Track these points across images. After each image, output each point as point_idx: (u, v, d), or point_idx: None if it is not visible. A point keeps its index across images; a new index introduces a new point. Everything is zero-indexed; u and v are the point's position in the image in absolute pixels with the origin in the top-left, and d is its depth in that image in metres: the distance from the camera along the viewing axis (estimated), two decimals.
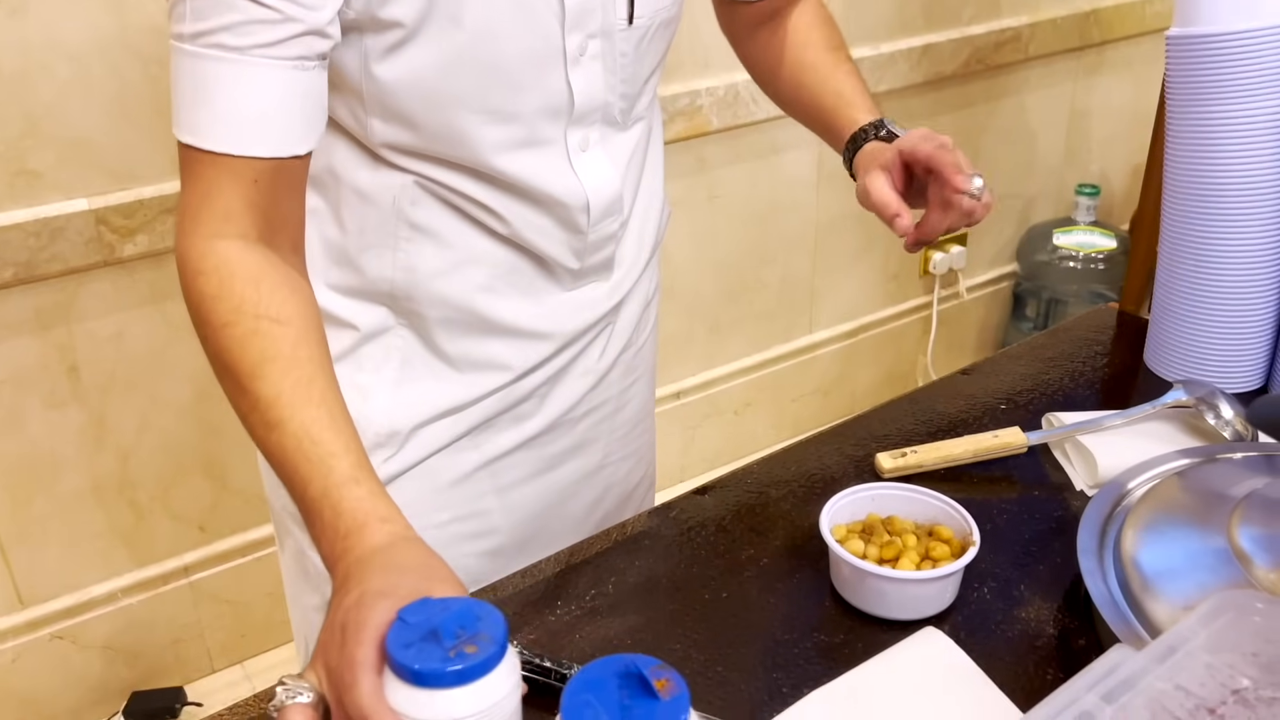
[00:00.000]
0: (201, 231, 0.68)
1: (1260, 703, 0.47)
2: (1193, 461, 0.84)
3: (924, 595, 0.75)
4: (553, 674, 0.69)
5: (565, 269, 0.86)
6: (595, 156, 0.83)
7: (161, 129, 1.49)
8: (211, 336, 0.67)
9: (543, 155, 0.79)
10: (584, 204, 0.82)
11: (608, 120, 0.83)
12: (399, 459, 0.87)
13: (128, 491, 1.68)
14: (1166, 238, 1.01)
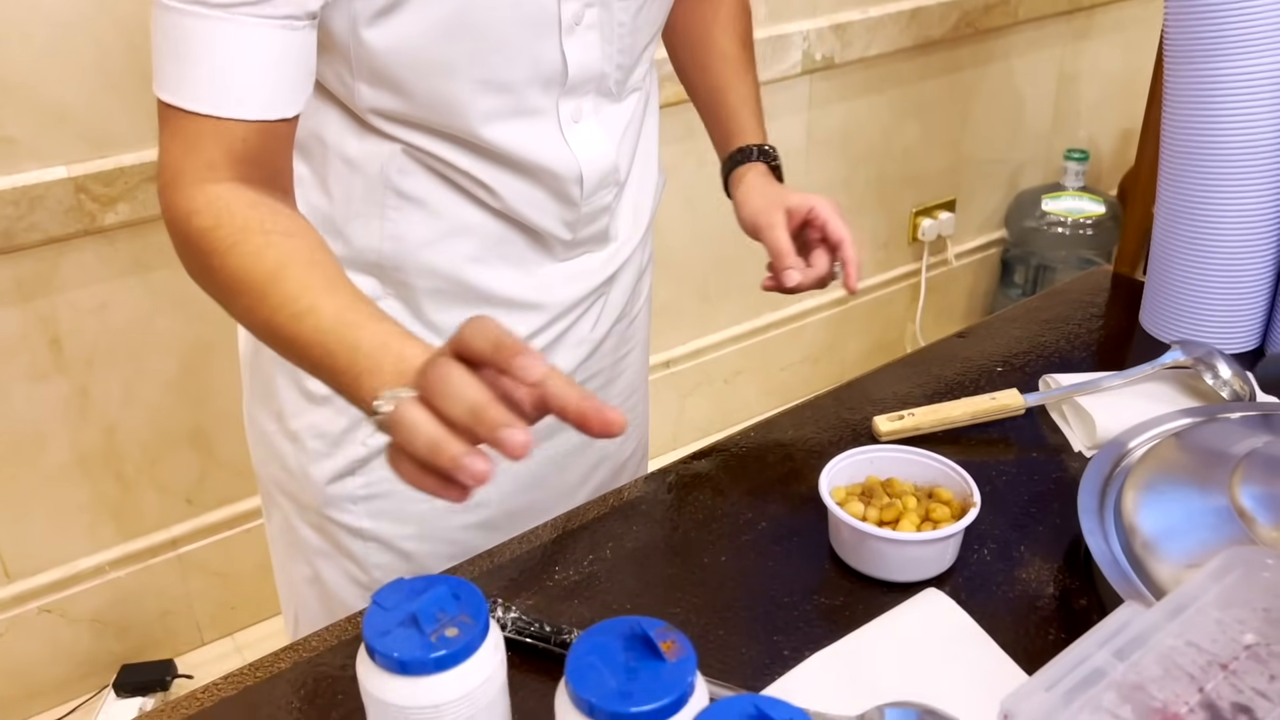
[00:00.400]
0: (187, 180, 0.66)
1: (1272, 657, 0.47)
2: (1192, 421, 0.83)
3: (925, 557, 0.74)
4: (552, 639, 0.68)
5: (558, 240, 0.84)
6: (589, 128, 0.81)
7: (142, 95, 1.46)
8: (218, 265, 0.64)
9: (534, 126, 0.78)
10: (577, 176, 0.81)
11: (602, 91, 0.81)
12: None
13: (114, 464, 1.66)
14: (1163, 198, 1.00)
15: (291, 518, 0.91)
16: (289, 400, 0.86)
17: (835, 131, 2.22)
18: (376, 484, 0.87)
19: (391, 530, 0.89)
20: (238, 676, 0.70)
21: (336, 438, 0.85)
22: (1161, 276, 1.02)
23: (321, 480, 0.86)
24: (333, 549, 0.90)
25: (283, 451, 0.88)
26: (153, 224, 1.53)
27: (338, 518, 0.88)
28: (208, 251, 0.65)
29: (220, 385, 1.69)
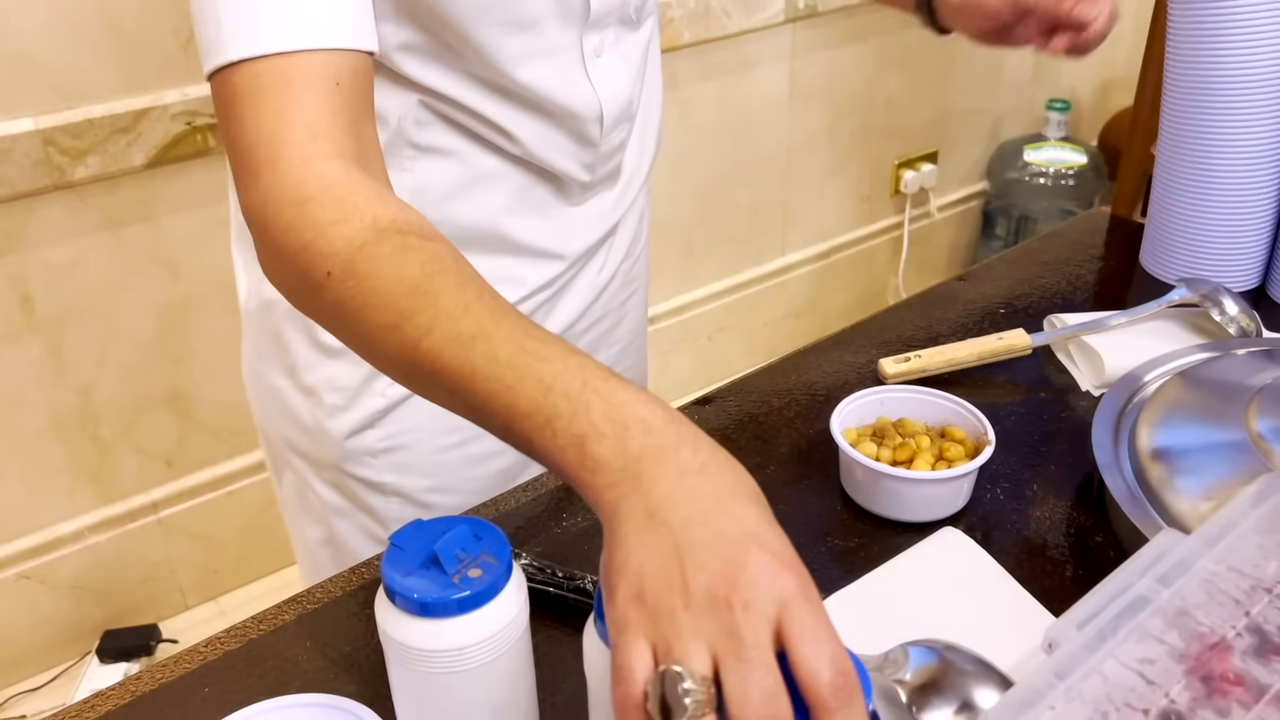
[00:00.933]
0: (289, 160, 0.55)
1: None
2: (1203, 357, 0.83)
3: (940, 496, 0.73)
4: (565, 585, 0.67)
5: (576, 183, 0.82)
6: (609, 61, 0.79)
7: (110, 43, 1.41)
8: (341, 271, 0.52)
9: (558, 65, 0.75)
10: (598, 114, 0.78)
11: (623, 20, 0.78)
12: None
13: (90, 427, 1.62)
14: (1166, 135, 0.98)
15: (306, 476, 0.88)
16: (302, 354, 0.82)
17: (818, 81, 2.19)
18: (396, 435, 0.84)
19: (413, 483, 0.87)
20: (241, 629, 0.68)
21: (355, 390, 0.82)
22: (1163, 215, 1.01)
23: (339, 435, 0.83)
24: (351, 505, 0.87)
25: (296, 408, 0.84)
26: (124, 178, 1.49)
27: (357, 473, 0.85)
28: (328, 253, 0.53)
29: (198, 345, 1.65)
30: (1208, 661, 0.43)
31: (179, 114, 1.48)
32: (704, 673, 0.38)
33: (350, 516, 0.87)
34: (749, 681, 0.38)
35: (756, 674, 0.38)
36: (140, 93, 1.45)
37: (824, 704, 0.38)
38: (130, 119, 1.45)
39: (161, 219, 1.55)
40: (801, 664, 0.39)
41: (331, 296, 0.53)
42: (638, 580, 0.41)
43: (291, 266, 0.55)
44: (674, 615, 0.39)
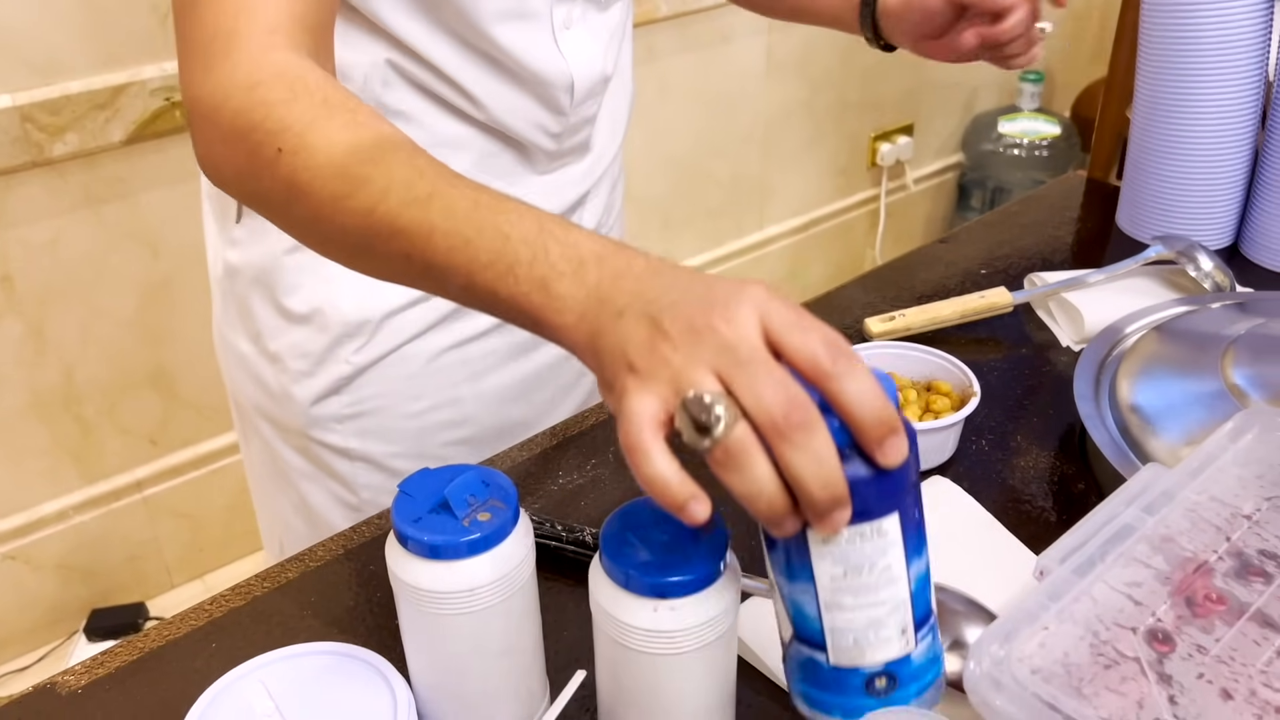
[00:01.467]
0: (245, 45, 0.56)
1: None
2: (1180, 310, 0.85)
3: (928, 447, 0.75)
4: (565, 538, 0.68)
5: (542, 151, 0.83)
6: (578, 35, 0.79)
7: (85, 18, 1.40)
8: (292, 146, 0.53)
9: (530, 28, 0.76)
10: (568, 83, 0.79)
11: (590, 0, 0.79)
12: (370, 348, 0.84)
13: (73, 406, 1.62)
14: (1141, 97, 1.00)
15: (273, 442, 0.89)
16: (267, 320, 0.84)
17: (795, 54, 2.20)
18: (362, 402, 0.86)
19: (379, 449, 0.88)
20: (245, 587, 0.69)
21: (319, 356, 0.84)
22: (1139, 175, 1.03)
23: (305, 401, 0.85)
24: (318, 471, 0.89)
25: (262, 374, 0.86)
26: (104, 154, 1.48)
27: (323, 438, 0.86)
28: (278, 130, 0.53)
29: (180, 322, 1.65)
30: (1191, 583, 0.45)
31: (158, 90, 1.47)
32: (719, 389, 0.39)
33: (318, 481, 0.89)
34: (758, 381, 0.39)
35: (761, 372, 0.39)
36: (118, 68, 1.44)
37: (827, 374, 0.39)
38: (108, 95, 1.44)
39: (141, 195, 1.54)
40: (796, 352, 0.40)
41: (283, 171, 0.53)
42: (625, 358, 0.41)
43: (240, 147, 0.55)
44: (668, 361, 0.40)
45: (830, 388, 0.39)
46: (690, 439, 0.39)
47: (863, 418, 0.39)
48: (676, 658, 0.49)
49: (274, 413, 0.87)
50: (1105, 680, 0.41)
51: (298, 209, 0.54)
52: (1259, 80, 0.95)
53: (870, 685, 0.42)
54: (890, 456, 0.40)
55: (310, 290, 0.82)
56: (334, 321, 0.82)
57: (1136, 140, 1.02)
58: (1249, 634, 0.43)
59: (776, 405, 0.38)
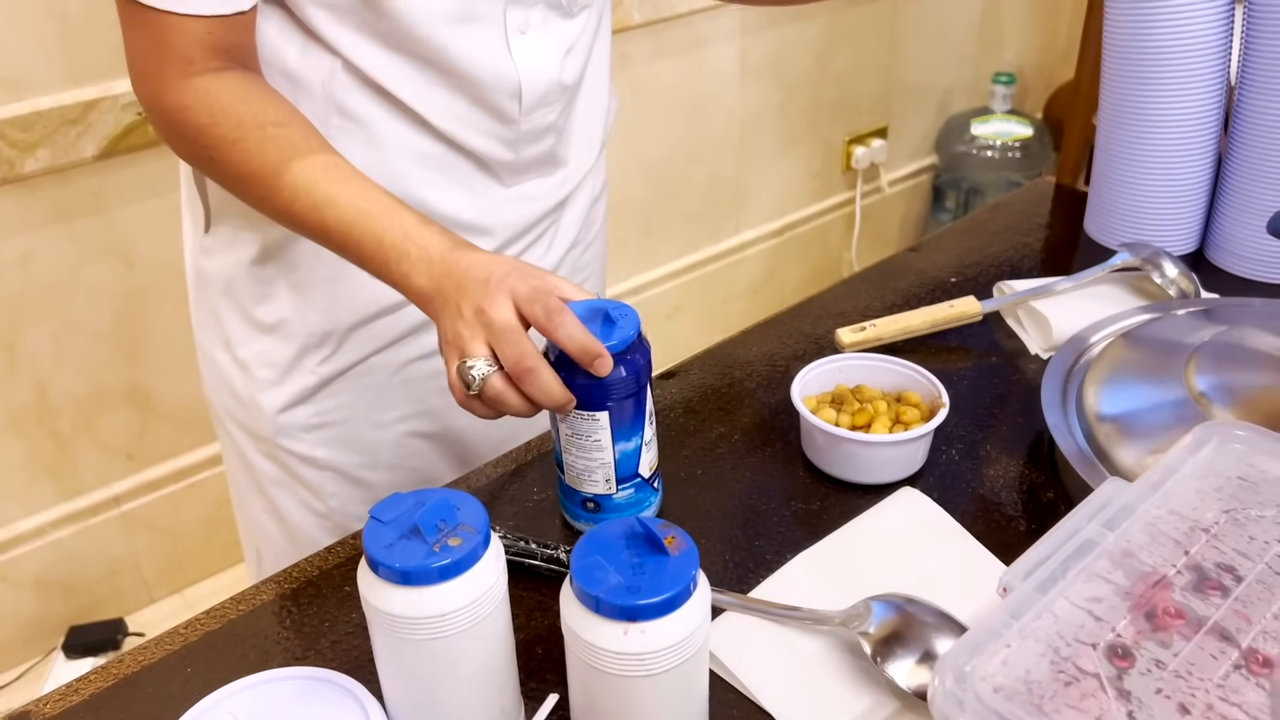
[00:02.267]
0: (170, 74, 0.68)
1: (1249, 521, 0.49)
2: (1145, 318, 0.86)
3: (897, 458, 0.76)
4: (538, 554, 0.69)
5: (500, 163, 0.83)
6: (535, 40, 0.79)
7: (55, 34, 1.39)
8: (221, 159, 0.69)
9: (477, 32, 0.75)
10: (515, 89, 0.79)
11: (552, 5, 0.79)
12: (336, 359, 0.85)
13: (48, 422, 1.61)
14: (1105, 103, 1.02)
15: (245, 448, 0.90)
16: (236, 329, 0.85)
17: (768, 58, 2.21)
18: (328, 412, 0.87)
19: (345, 459, 0.89)
20: (220, 610, 0.69)
21: (286, 366, 0.85)
22: (1105, 182, 1.04)
23: (272, 409, 0.86)
24: (288, 478, 0.89)
25: (233, 381, 0.87)
26: (76, 170, 1.47)
27: (290, 446, 0.87)
28: (208, 146, 0.69)
29: (156, 335, 1.64)
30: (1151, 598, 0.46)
31: (129, 104, 1.46)
32: (483, 354, 0.63)
33: (287, 488, 0.89)
34: (503, 345, 0.62)
35: (507, 339, 0.62)
36: (89, 83, 1.44)
37: (546, 328, 0.62)
38: (79, 110, 1.43)
39: (114, 210, 1.53)
40: (530, 318, 0.63)
41: (218, 171, 0.72)
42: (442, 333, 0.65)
43: (184, 148, 0.73)
44: (461, 336, 0.63)
45: (553, 336, 0.62)
46: (462, 393, 0.63)
47: (573, 351, 0.62)
48: (649, 679, 0.49)
49: (244, 419, 0.88)
50: (1066, 697, 0.42)
51: (238, 193, 0.73)
52: (1221, 86, 0.96)
53: (584, 505, 0.70)
54: (599, 371, 0.63)
55: (278, 300, 0.83)
56: (300, 332, 0.83)
57: (1102, 147, 1.04)
58: (1206, 648, 0.44)
59: (510, 360, 0.62)
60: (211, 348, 0.88)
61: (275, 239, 0.81)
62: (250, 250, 0.82)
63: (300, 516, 0.91)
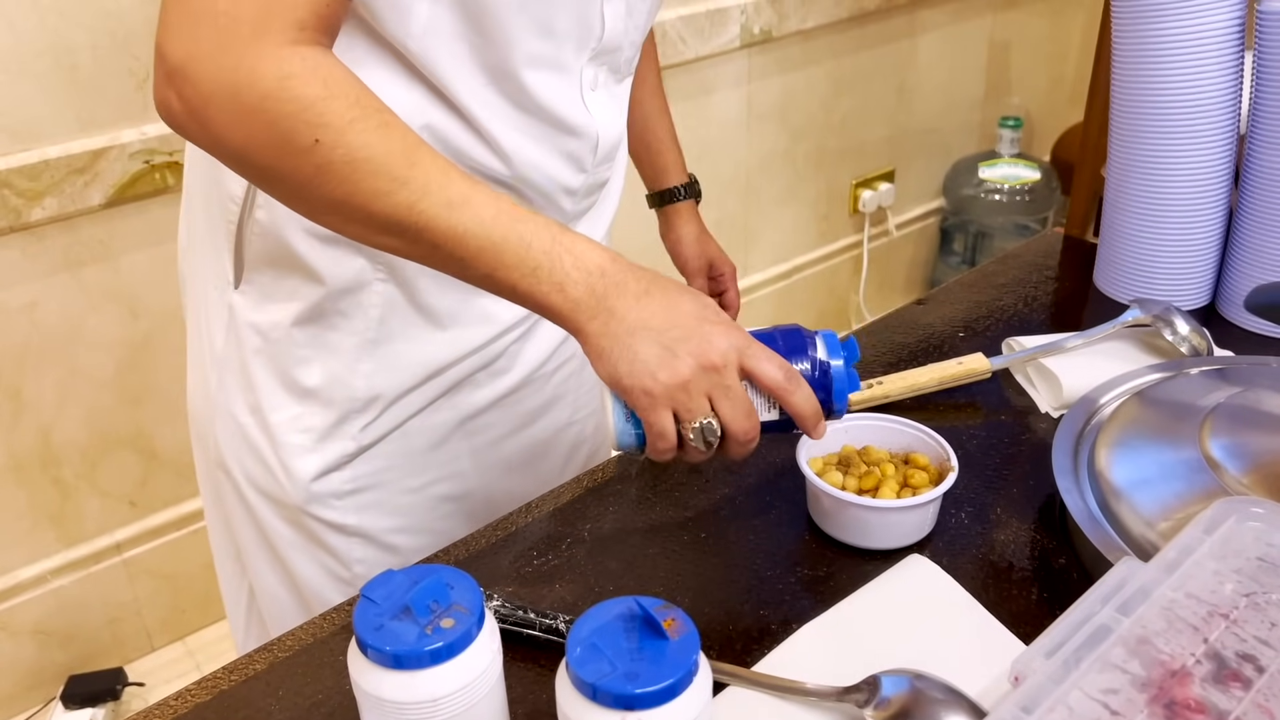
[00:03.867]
0: (275, 37, 0.58)
1: (1271, 605, 0.48)
2: (1157, 377, 0.85)
3: (906, 523, 0.74)
4: (538, 625, 0.67)
5: (558, 210, 0.82)
6: (602, 98, 0.80)
7: (63, 84, 1.40)
8: (331, 141, 0.58)
9: (561, 81, 0.75)
10: (594, 139, 0.79)
11: (614, 67, 0.80)
12: (376, 426, 0.82)
13: (51, 469, 1.60)
14: (1114, 157, 1.01)
15: (262, 513, 0.86)
16: (270, 393, 0.81)
17: (774, 105, 2.22)
18: (364, 477, 0.83)
19: (377, 524, 0.86)
20: (211, 680, 0.67)
21: (323, 432, 0.81)
22: (1114, 236, 1.03)
23: (305, 476, 0.81)
24: (310, 544, 0.86)
25: (258, 445, 0.82)
26: (82, 218, 1.47)
27: (320, 514, 0.84)
28: (316, 124, 0.58)
29: (160, 382, 1.63)
30: (1169, 689, 0.44)
31: (137, 153, 1.46)
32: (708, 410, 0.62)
33: (309, 553, 0.86)
34: (737, 411, 0.62)
35: (739, 404, 0.62)
36: (97, 133, 1.44)
37: (782, 389, 0.63)
38: (87, 159, 1.43)
39: (120, 258, 1.53)
40: (762, 377, 0.62)
41: (318, 160, 0.58)
42: (647, 374, 0.61)
43: (267, 130, 0.58)
44: (685, 388, 0.61)
45: (786, 400, 0.63)
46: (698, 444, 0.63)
47: (802, 419, 0.64)
48: None
49: (268, 486, 0.84)
50: None
51: (325, 191, 0.60)
52: (1231, 138, 0.95)
53: None
54: (816, 435, 0.66)
55: (320, 364, 0.79)
56: (341, 397, 0.80)
57: (1111, 200, 1.03)
58: None
59: (741, 429, 0.63)
60: (237, 411, 0.83)
61: (319, 297, 0.77)
62: (292, 308, 0.78)
63: (320, 582, 0.87)
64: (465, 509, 0.89)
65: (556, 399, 0.93)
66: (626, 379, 0.61)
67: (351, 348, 0.80)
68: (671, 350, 0.61)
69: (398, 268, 0.78)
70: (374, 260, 0.77)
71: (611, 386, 0.63)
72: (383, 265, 0.77)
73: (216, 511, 0.93)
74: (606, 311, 0.61)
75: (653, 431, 0.62)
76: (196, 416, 0.89)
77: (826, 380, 0.66)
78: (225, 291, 0.81)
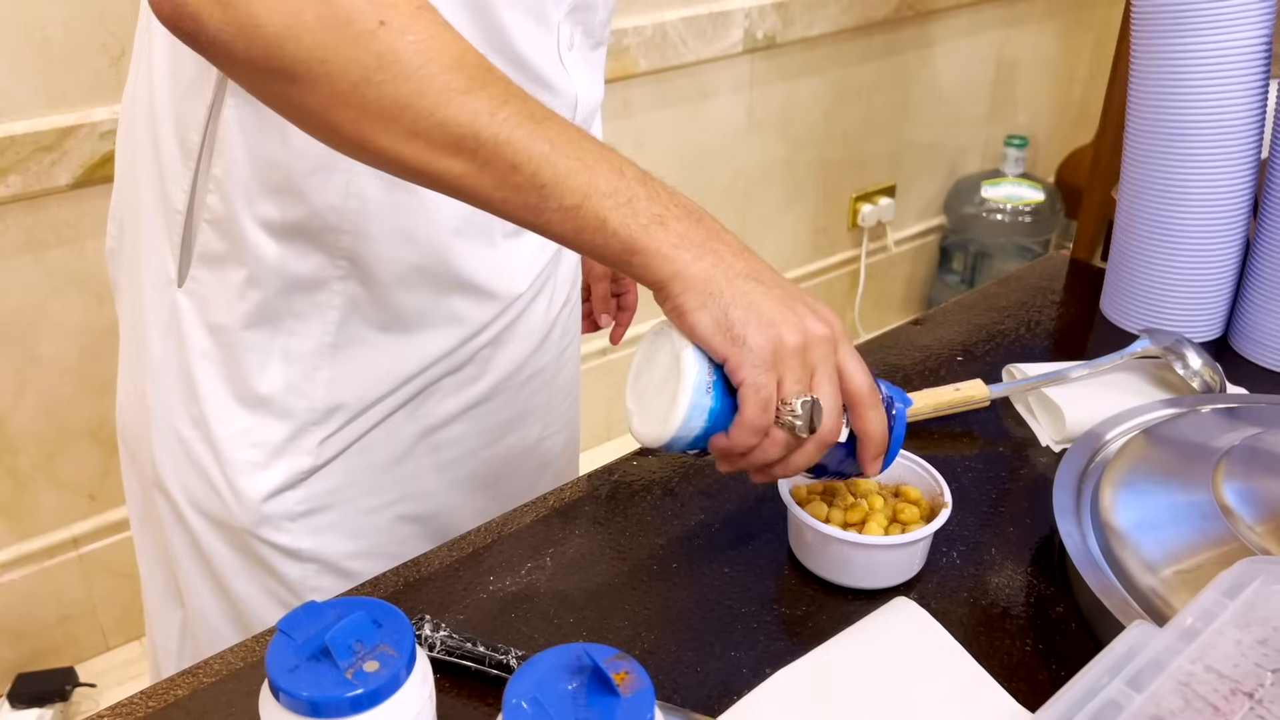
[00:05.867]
0: None
1: None
2: (1167, 414, 0.79)
3: (893, 562, 0.69)
4: (486, 660, 0.61)
5: None
6: (577, 59, 0.75)
7: (34, 58, 1.34)
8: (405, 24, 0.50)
9: (541, 32, 0.70)
10: (573, 100, 0.74)
11: (588, 29, 0.74)
12: (337, 439, 0.75)
13: (6, 459, 1.54)
14: (1128, 179, 0.96)
15: (199, 534, 0.77)
16: (217, 404, 0.73)
17: (776, 112, 2.16)
18: (320, 496, 0.76)
19: (333, 547, 0.78)
20: (126, 706, 0.61)
21: (277, 447, 0.74)
22: (1124, 263, 0.98)
23: (255, 497, 0.74)
24: (255, 568, 0.78)
25: (201, 462, 0.74)
26: (48, 198, 1.41)
27: (271, 538, 0.76)
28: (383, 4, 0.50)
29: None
30: None
31: (108, 133, 1.41)
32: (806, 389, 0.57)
33: (251, 576, 0.78)
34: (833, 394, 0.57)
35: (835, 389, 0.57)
36: (67, 110, 1.38)
37: (863, 405, 0.58)
38: (55, 137, 1.37)
39: (87, 241, 1.47)
40: (853, 377, 0.58)
41: (381, 46, 0.49)
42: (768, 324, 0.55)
43: (324, 6, 0.49)
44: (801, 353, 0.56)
45: (860, 414, 0.59)
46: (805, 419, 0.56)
47: (869, 441, 0.60)
48: None
49: (212, 507, 0.76)
50: None
51: (387, 89, 0.50)
52: (1252, 166, 0.90)
53: None
54: (871, 471, 0.62)
55: (274, 371, 0.72)
56: (298, 408, 0.73)
57: (1122, 225, 0.97)
58: None
59: (828, 428, 0.57)
60: (176, 423, 0.74)
61: (272, 295, 0.70)
62: (242, 308, 0.70)
63: (267, 610, 0.79)
64: (428, 531, 0.83)
65: (527, 412, 0.87)
66: (740, 326, 0.54)
67: (309, 353, 0.73)
68: (790, 307, 0.55)
69: (360, 264, 0.71)
70: (333, 257, 0.71)
71: (711, 339, 0.55)
72: (343, 262, 0.71)
73: (148, 536, 0.84)
74: (714, 252, 0.55)
75: (758, 397, 0.55)
76: (127, 433, 0.80)
77: (890, 420, 0.61)
78: (166, 291, 0.72)
